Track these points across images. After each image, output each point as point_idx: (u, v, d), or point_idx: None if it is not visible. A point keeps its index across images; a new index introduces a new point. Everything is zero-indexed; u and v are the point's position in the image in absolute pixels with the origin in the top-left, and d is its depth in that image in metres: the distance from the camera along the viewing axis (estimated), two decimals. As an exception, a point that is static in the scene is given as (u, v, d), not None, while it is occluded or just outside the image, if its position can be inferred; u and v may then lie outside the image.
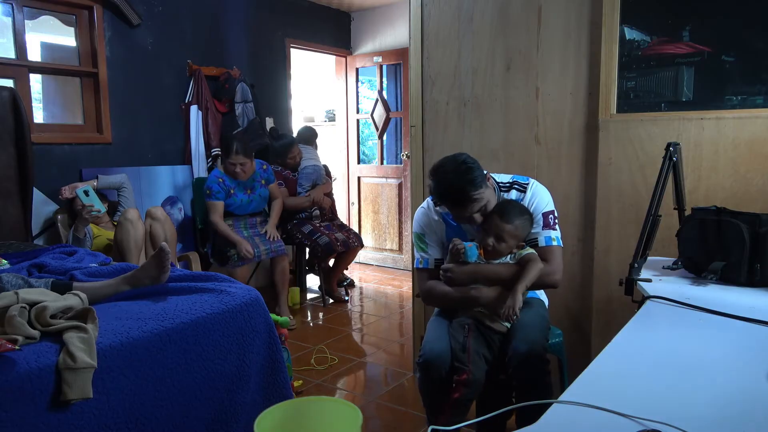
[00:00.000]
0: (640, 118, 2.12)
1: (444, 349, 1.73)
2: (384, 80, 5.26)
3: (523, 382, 1.65)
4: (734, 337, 1.19)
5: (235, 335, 1.71)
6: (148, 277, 1.74)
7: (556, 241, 1.83)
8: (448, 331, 1.78)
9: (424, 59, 2.64)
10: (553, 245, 1.82)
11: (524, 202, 1.84)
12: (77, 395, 1.27)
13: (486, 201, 1.75)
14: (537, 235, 1.82)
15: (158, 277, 1.74)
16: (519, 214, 1.77)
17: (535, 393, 1.57)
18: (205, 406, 1.62)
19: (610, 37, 2.14)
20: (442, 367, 1.70)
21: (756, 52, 1.93)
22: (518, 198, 1.86)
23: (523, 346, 1.64)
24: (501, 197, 1.86)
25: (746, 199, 1.93)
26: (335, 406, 1.31)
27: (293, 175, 4.10)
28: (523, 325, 1.72)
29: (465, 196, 1.70)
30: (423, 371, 1.74)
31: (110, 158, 3.45)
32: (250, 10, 4.30)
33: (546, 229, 1.83)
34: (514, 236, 1.76)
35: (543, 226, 1.83)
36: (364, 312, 3.99)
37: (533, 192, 1.85)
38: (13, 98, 2.70)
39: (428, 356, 1.72)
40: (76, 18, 3.32)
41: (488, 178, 1.81)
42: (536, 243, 1.82)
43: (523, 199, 1.85)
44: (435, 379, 1.71)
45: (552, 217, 1.85)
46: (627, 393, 0.93)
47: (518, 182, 1.89)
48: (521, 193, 1.86)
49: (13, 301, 1.37)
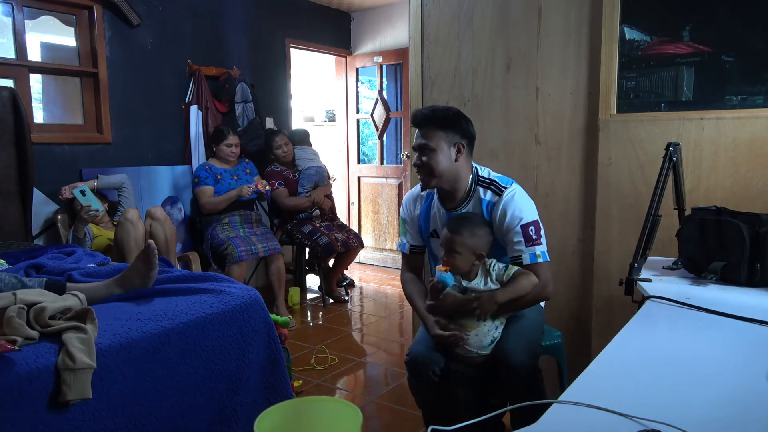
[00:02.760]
0: (640, 118, 2.11)
1: (430, 349, 1.73)
2: (384, 80, 5.26)
3: (515, 391, 1.63)
4: (734, 337, 1.19)
5: (234, 335, 1.71)
6: (137, 276, 1.74)
7: (542, 257, 1.70)
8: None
9: (424, 59, 2.64)
10: (539, 262, 1.70)
11: (497, 206, 1.73)
12: (76, 396, 1.27)
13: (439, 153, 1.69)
14: (521, 252, 1.70)
15: (147, 274, 1.74)
16: (470, 225, 1.69)
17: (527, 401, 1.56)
18: (205, 406, 1.62)
19: (610, 37, 2.14)
20: (429, 366, 1.70)
21: (756, 52, 1.93)
22: (491, 200, 1.75)
23: (513, 357, 1.61)
24: (475, 190, 1.78)
25: (746, 199, 1.93)
26: (335, 406, 1.31)
27: (293, 175, 4.10)
28: (514, 334, 1.69)
29: (427, 118, 1.71)
30: (410, 371, 1.76)
31: (110, 158, 3.45)
32: (250, 10, 4.30)
33: (530, 245, 1.69)
34: (466, 247, 1.67)
35: (526, 242, 1.69)
36: (364, 312, 3.99)
37: (510, 199, 1.71)
38: (13, 98, 2.70)
39: (413, 356, 1.74)
40: (76, 18, 3.32)
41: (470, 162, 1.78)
42: (520, 261, 1.70)
43: (496, 203, 1.73)
44: (423, 379, 1.71)
45: (533, 229, 1.70)
46: (627, 393, 0.93)
47: (497, 183, 1.76)
48: (496, 196, 1.74)
49: (11, 301, 1.37)
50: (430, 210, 1.88)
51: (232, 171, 3.72)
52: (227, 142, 3.66)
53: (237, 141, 3.73)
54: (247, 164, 3.88)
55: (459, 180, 1.76)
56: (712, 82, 2.02)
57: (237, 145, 3.72)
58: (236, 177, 3.72)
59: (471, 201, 1.79)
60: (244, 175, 3.78)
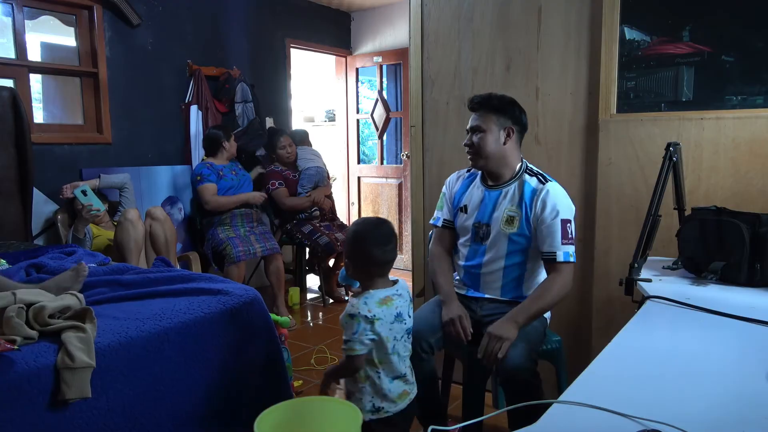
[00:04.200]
0: (640, 118, 2.11)
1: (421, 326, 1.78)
2: (384, 80, 5.26)
3: (513, 395, 1.63)
4: (734, 337, 1.19)
5: (235, 335, 1.71)
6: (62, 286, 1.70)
7: (572, 258, 1.75)
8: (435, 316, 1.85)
9: (424, 59, 2.64)
10: (570, 261, 1.74)
11: (539, 193, 1.79)
12: (76, 395, 1.27)
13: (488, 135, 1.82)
14: (556, 249, 1.74)
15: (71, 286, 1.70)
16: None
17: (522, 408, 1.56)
18: (205, 406, 1.62)
19: (610, 37, 2.14)
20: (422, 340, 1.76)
21: (756, 52, 1.93)
22: (536, 187, 1.81)
23: (509, 363, 1.61)
24: (522, 175, 1.86)
25: (746, 199, 1.93)
26: (335, 406, 1.31)
27: (293, 175, 4.10)
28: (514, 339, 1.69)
29: (482, 102, 1.84)
30: None
31: (110, 158, 3.45)
32: (250, 10, 4.30)
33: (565, 243, 1.74)
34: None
35: (562, 238, 1.74)
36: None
37: (553, 189, 1.79)
38: (13, 98, 2.70)
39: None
40: (76, 18, 3.32)
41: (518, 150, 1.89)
42: (554, 258, 1.74)
43: (540, 191, 1.79)
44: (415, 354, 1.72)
45: (570, 228, 1.76)
46: (627, 393, 0.93)
47: (543, 174, 1.86)
48: (540, 184, 1.82)
49: (10, 301, 1.37)
50: (468, 187, 1.99)
51: (229, 166, 3.70)
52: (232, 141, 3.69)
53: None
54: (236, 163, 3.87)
55: (506, 164, 1.87)
56: (712, 82, 2.01)
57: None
58: (234, 172, 3.71)
59: (515, 183, 1.87)
60: (239, 169, 3.77)
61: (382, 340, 1.48)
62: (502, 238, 1.85)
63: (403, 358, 1.56)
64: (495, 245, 1.86)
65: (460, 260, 1.98)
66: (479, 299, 1.93)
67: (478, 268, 1.91)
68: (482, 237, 1.89)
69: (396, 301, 1.53)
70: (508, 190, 1.87)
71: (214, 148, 3.65)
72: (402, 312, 1.54)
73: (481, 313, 1.90)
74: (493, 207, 1.88)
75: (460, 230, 1.99)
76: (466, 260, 1.95)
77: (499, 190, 1.88)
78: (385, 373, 1.53)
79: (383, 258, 1.53)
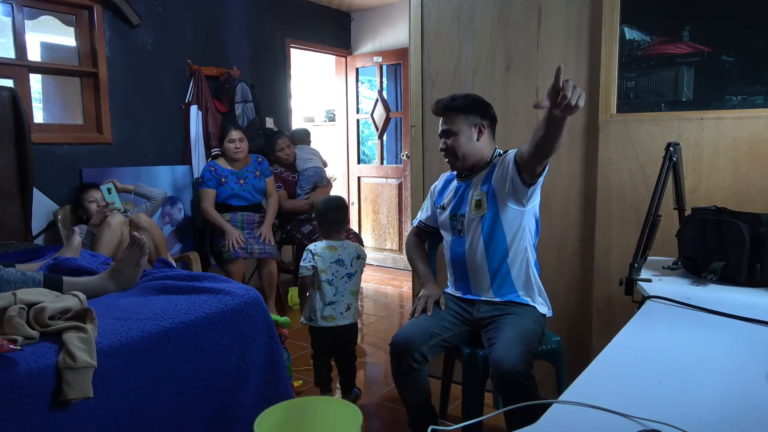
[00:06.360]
0: (640, 118, 2.11)
1: (413, 336, 1.79)
2: (384, 80, 5.26)
3: (506, 398, 1.62)
4: (734, 337, 1.19)
5: (235, 335, 1.71)
6: (127, 265, 1.80)
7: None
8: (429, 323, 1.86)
9: (424, 59, 2.64)
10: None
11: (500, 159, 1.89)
12: (77, 395, 1.27)
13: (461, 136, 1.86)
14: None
15: (138, 261, 1.81)
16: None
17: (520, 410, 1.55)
18: (205, 406, 1.62)
19: (610, 37, 2.14)
20: (410, 351, 1.77)
21: (756, 52, 1.93)
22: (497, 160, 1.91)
23: (502, 365, 1.60)
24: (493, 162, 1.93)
25: (746, 199, 1.93)
26: (335, 406, 1.31)
27: (292, 177, 4.10)
28: (508, 341, 1.68)
29: (447, 106, 1.88)
30: (392, 356, 1.82)
31: (110, 158, 3.45)
32: (250, 10, 4.29)
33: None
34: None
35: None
36: (364, 312, 3.99)
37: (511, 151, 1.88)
38: (13, 98, 2.70)
39: (395, 340, 1.81)
40: (76, 18, 3.32)
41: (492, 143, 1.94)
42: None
43: (501, 158, 1.89)
44: (403, 364, 1.77)
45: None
46: (627, 393, 0.93)
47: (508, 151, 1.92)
48: (503, 156, 1.91)
49: (11, 302, 1.37)
50: (449, 184, 2.06)
51: (239, 174, 3.59)
52: (230, 137, 3.53)
53: (241, 135, 3.56)
54: (259, 165, 3.70)
55: (482, 159, 1.93)
56: (712, 82, 2.02)
57: (242, 140, 3.56)
58: (242, 180, 3.60)
59: (486, 169, 1.92)
60: (253, 178, 3.64)
61: (317, 271, 2.31)
62: (474, 224, 1.91)
63: (340, 293, 2.34)
64: (469, 232, 1.93)
65: (448, 255, 2.04)
66: (475, 302, 1.93)
67: (463, 259, 1.95)
68: (459, 229, 1.97)
69: (339, 250, 2.37)
70: (478, 177, 1.94)
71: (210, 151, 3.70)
72: (344, 259, 2.36)
73: (477, 316, 1.90)
74: (464, 197, 1.96)
75: (441, 227, 2.07)
76: (452, 254, 2.01)
77: (470, 179, 1.97)
78: (319, 296, 2.33)
79: (335, 219, 2.42)
